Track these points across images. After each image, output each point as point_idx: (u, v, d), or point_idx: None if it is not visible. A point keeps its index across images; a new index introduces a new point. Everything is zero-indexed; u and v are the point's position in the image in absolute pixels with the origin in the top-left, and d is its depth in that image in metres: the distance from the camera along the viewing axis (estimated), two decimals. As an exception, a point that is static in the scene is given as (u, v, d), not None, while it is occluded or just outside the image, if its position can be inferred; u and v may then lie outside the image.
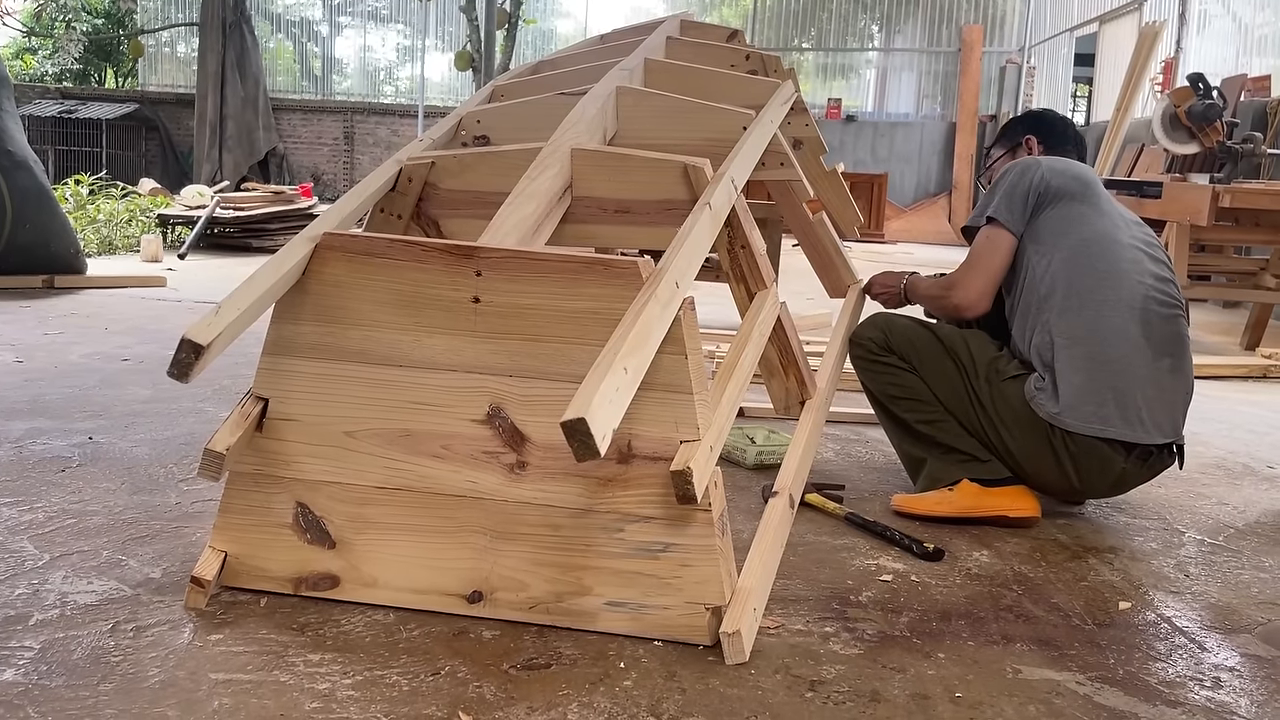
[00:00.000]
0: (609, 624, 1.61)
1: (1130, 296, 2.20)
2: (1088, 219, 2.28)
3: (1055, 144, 2.54)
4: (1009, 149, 2.60)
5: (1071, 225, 2.26)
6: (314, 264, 1.66)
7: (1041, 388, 2.18)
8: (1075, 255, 2.23)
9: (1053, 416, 2.16)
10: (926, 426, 2.32)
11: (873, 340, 2.38)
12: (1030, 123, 2.63)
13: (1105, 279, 2.21)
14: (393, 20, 17.78)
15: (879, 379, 2.38)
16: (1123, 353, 2.16)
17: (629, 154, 2.01)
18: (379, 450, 1.66)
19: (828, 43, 17.03)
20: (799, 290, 5.18)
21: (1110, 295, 2.20)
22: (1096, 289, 2.20)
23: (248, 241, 7.79)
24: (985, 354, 2.29)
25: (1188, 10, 10.61)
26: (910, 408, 2.34)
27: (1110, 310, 2.18)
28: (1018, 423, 2.21)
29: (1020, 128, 2.62)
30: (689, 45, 3.06)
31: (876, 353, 2.37)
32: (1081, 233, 2.25)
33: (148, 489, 2.23)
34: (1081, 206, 2.29)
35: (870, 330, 2.41)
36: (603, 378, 1.29)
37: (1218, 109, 5.14)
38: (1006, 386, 2.23)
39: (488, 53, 12.28)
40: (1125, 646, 1.68)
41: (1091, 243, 2.24)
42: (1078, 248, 2.24)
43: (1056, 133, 2.57)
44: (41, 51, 18.77)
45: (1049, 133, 2.57)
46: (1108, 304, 2.19)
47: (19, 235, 5.19)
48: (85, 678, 1.42)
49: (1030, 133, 2.58)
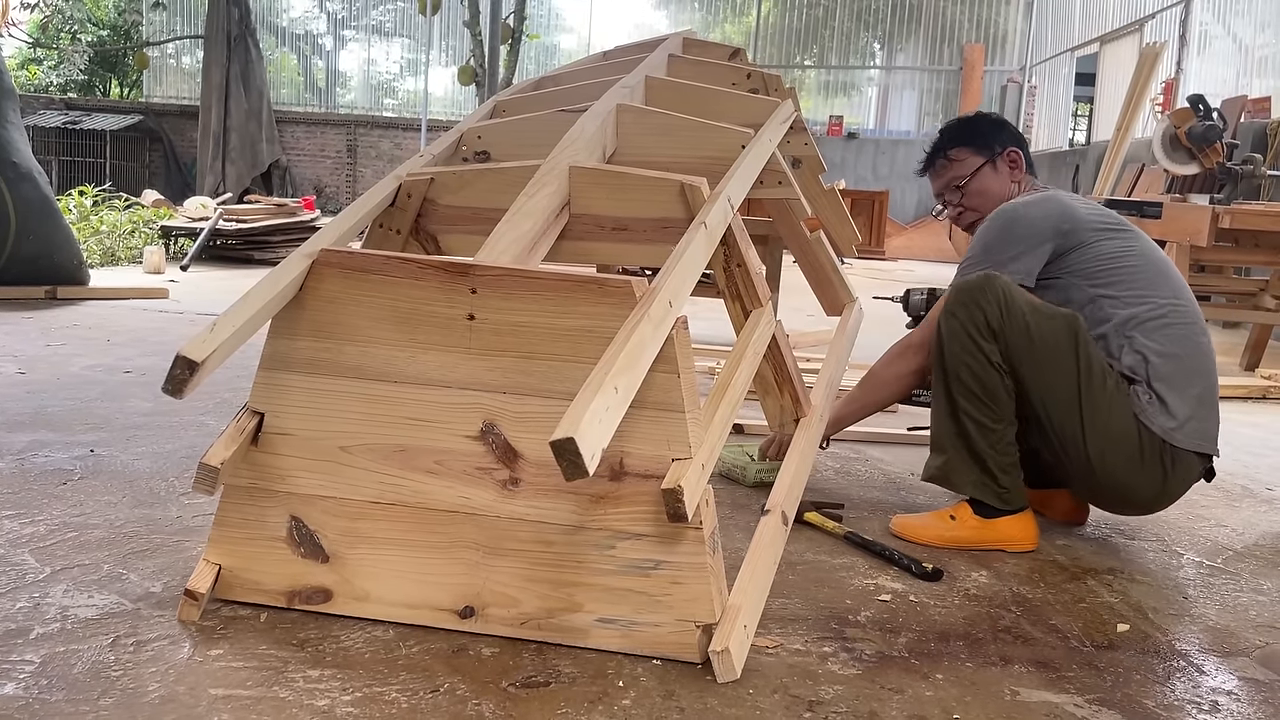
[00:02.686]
0: (599, 640, 1.60)
1: (1195, 306, 2.20)
2: (1128, 241, 2.22)
3: (1028, 163, 2.44)
4: (988, 158, 2.39)
5: (1119, 255, 2.19)
6: (311, 280, 1.66)
7: (1150, 403, 2.09)
8: (1141, 276, 2.17)
9: (1166, 432, 2.08)
10: (974, 426, 2.14)
11: (985, 317, 2.09)
12: (1007, 132, 2.43)
13: (1179, 291, 2.18)
14: (396, 34, 17.89)
15: (961, 356, 2.11)
16: (1208, 366, 2.16)
17: (626, 172, 2.02)
18: (373, 465, 1.66)
19: (830, 60, 17.11)
20: (798, 306, 5.19)
21: (1186, 307, 2.17)
22: (1175, 305, 2.15)
23: (250, 254, 7.82)
24: (1101, 359, 2.13)
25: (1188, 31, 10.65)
26: (972, 401, 2.13)
27: (1190, 324, 2.16)
28: (1122, 435, 2.09)
29: (998, 134, 2.41)
30: (690, 63, 3.07)
31: (977, 333, 2.09)
32: (1136, 254, 2.19)
33: (149, 502, 2.23)
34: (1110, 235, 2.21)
35: (986, 303, 2.09)
36: (593, 397, 1.29)
37: (1218, 130, 5.15)
38: (1116, 398, 2.10)
39: (491, 67, 12.33)
40: (1123, 669, 1.67)
41: (1149, 261, 2.20)
42: (1141, 268, 2.18)
43: (1025, 149, 2.43)
44: (47, 62, 18.89)
45: (1024, 150, 2.42)
46: (1186, 317, 2.16)
47: (23, 246, 5.21)
48: (85, 692, 1.42)
49: (1015, 145, 2.41)
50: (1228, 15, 10.58)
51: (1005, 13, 16.36)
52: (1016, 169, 2.39)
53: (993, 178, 2.39)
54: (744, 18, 17.45)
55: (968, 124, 2.44)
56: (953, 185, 2.42)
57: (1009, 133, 2.42)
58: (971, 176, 2.39)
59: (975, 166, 2.39)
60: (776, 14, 17.10)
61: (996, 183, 2.39)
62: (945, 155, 2.43)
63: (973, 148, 2.40)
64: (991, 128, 2.42)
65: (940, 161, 2.44)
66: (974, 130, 2.41)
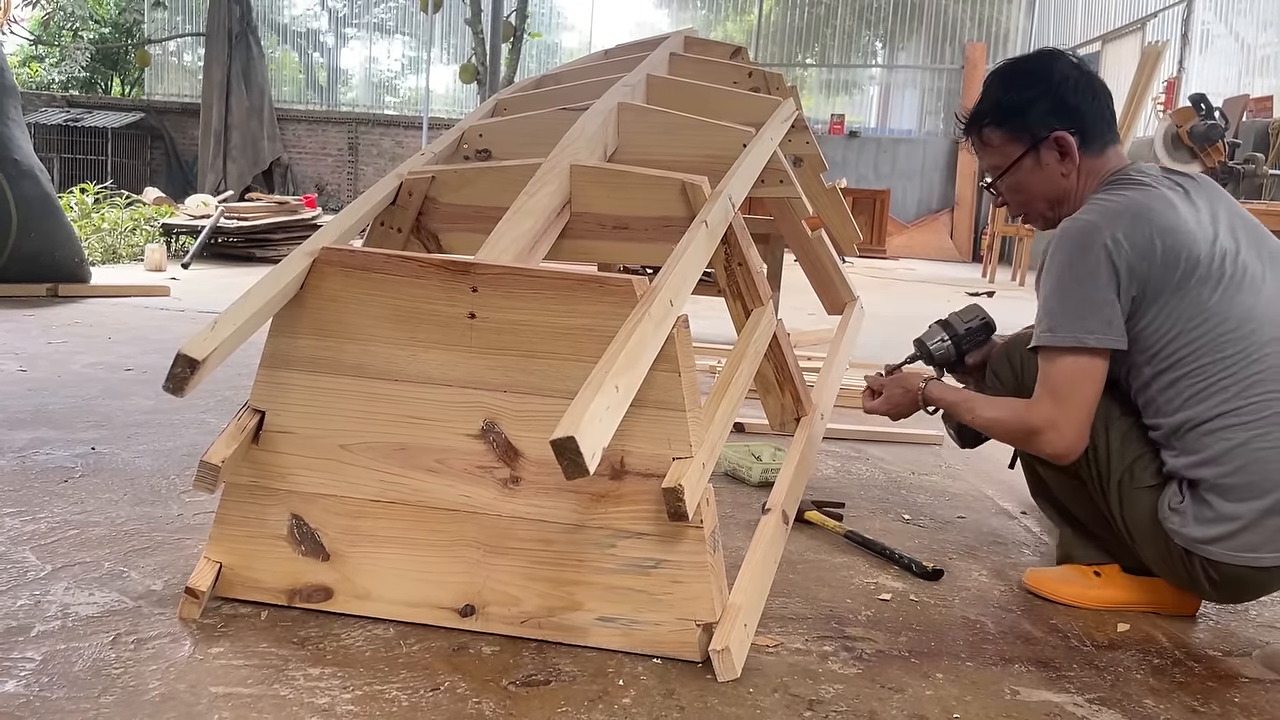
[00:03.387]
0: (600, 639, 1.60)
1: None
2: (1199, 303, 1.71)
3: (1094, 137, 1.84)
4: (1029, 147, 1.86)
5: (1181, 321, 1.71)
6: (312, 278, 1.66)
7: (1177, 509, 1.73)
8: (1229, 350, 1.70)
9: (1191, 543, 1.72)
10: (1059, 492, 1.97)
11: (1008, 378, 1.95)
12: (1064, 109, 1.83)
13: (1251, 385, 1.69)
14: (398, 32, 17.88)
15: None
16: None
17: (627, 170, 2.02)
18: (374, 464, 1.66)
19: (832, 59, 17.10)
20: (800, 305, 5.18)
21: (1259, 399, 1.68)
22: (1258, 397, 1.68)
23: (251, 251, 7.82)
24: (1127, 452, 1.80)
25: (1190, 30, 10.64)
26: (1044, 470, 1.98)
27: (1262, 426, 1.68)
28: (1145, 535, 1.79)
29: (1047, 114, 1.83)
30: (692, 62, 3.07)
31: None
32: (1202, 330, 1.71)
33: (150, 500, 2.23)
34: (1186, 290, 1.71)
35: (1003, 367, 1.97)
36: (593, 396, 1.29)
37: (1220, 129, 5.16)
38: (1139, 496, 1.79)
39: (492, 66, 12.32)
40: (1123, 668, 1.67)
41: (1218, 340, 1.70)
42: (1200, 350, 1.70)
43: (1093, 116, 1.84)
44: (48, 60, 18.88)
45: (1085, 118, 1.83)
46: (1270, 419, 1.68)
47: (24, 243, 5.21)
48: (86, 690, 1.42)
49: (1065, 126, 1.82)
50: (1230, 14, 10.57)
51: (1007, 11, 16.35)
52: (1068, 158, 1.83)
53: (1035, 173, 1.87)
54: (746, 16, 17.44)
55: (1009, 89, 1.86)
56: (993, 172, 1.95)
57: (1068, 106, 1.83)
58: (1009, 170, 1.89)
59: (1013, 157, 1.88)
60: (778, 12, 17.10)
61: (1040, 179, 1.88)
62: (979, 134, 1.92)
63: (1009, 130, 1.87)
64: (1042, 97, 1.83)
65: (974, 140, 1.95)
66: (1012, 108, 1.86)
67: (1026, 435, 1.81)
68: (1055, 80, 1.85)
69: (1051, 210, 1.91)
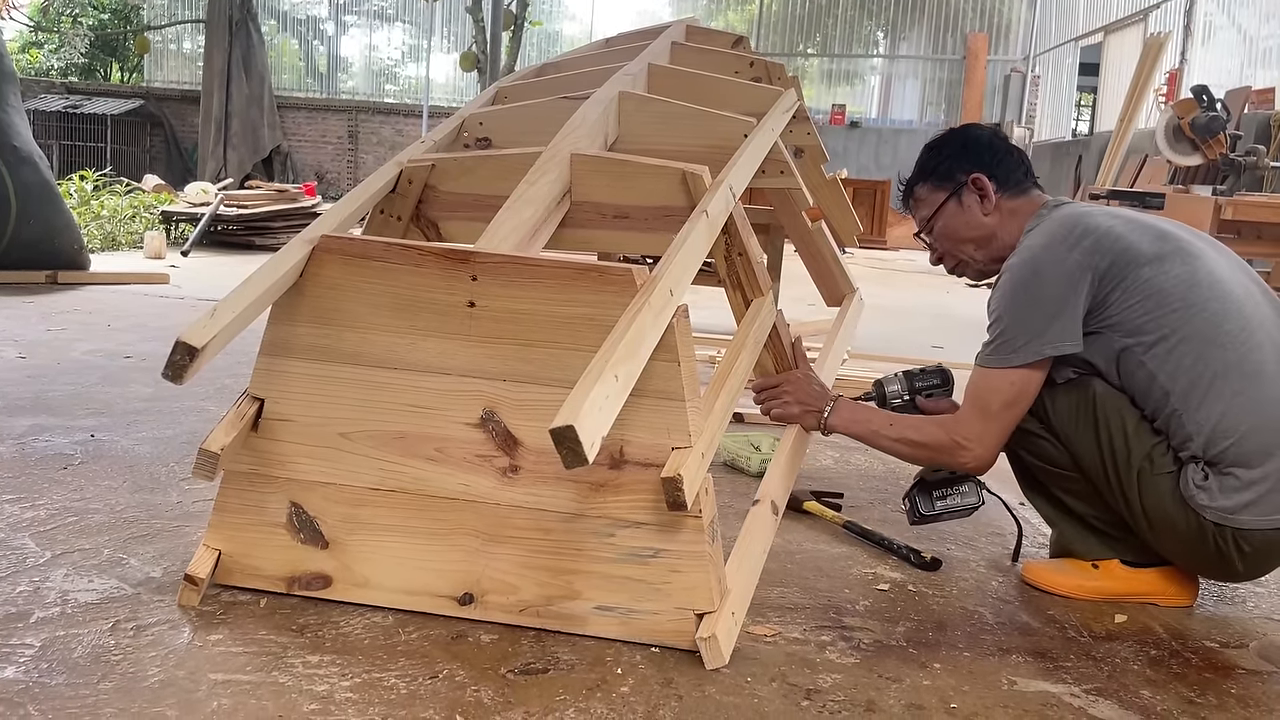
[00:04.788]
0: (598, 628, 1.61)
1: (1270, 349, 1.79)
2: (1176, 274, 1.80)
3: (1009, 180, 2.00)
4: (951, 192, 2.01)
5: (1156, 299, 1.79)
6: (311, 266, 1.66)
7: (1203, 485, 1.75)
8: (1190, 331, 1.77)
9: (1223, 515, 1.74)
10: (1057, 488, 1.97)
11: None
12: (972, 153, 2.01)
13: (1238, 341, 1.77)
14: (398, 20, 17.83)
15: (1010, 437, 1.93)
16: None
17: (628, 160, 2.01)
18: (373, 452, 1.66)
19: (833, 49, 17.06)
20: (800, 296, 5.18)
21: (1252, 360, 1.76)
22: (1237, 364, 1.76)
23: (251, 239, 7.80)
24: (1144, 440, 1.81)
25: (1193, 22, 10.62)
26: (1039, 467, 1.97)
27: (1256, 375, 1.76)
28: (1167, 521, 1.80)
29: (960, 161, 2.01)
30: (693, 51, 3.06)
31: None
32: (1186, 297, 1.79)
33: (149, 487, 2.24)
34: (1159, 264, 1.80)
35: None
36: (593, 385, 1.29)
37: (1221, 121, 5.15)
38: (1160, 481, 1.79)
39: (493, 54, 12.29)
40: (1121, 659, 1.68)
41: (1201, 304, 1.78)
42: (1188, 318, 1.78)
43: (1006, 163, 2.01)
44: (48, 46, 18.83)
45: (997, 164, 2.00)
46: (1252, 366, 1.76)
47: (23, 230, 5.20)
48: (85, 676, 1.42)
49: (977, 169, 1.98)
50: (1232, 6, 10.54)
51: (1009, 1, 16.30)
52: (985, 198, 1.98)
53: (958, 215, 2.01)
54: (747, 6, 17.39)
55: (930, 152, 2.07)
56: (922, 224, 2.09)
57: (977, 153, 2.01)
58: (935, 215, 2.04)
59: (937, 205, 2.03)
60: (780, 2, 17.04)
61: (963, 220, 2.00)
62: (913, 194, 2.09)
63: (933, 182, 2.03)
64: (956, 152, 2.02)
65: (910, 201, 2.11)
66: (934, 160, 2.04)
67: (950, 450, 1.90)
68: (970, 139, 2.06)
69: (980, 252, 2.03)
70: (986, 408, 1.86)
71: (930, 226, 2.07)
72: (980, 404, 1.87)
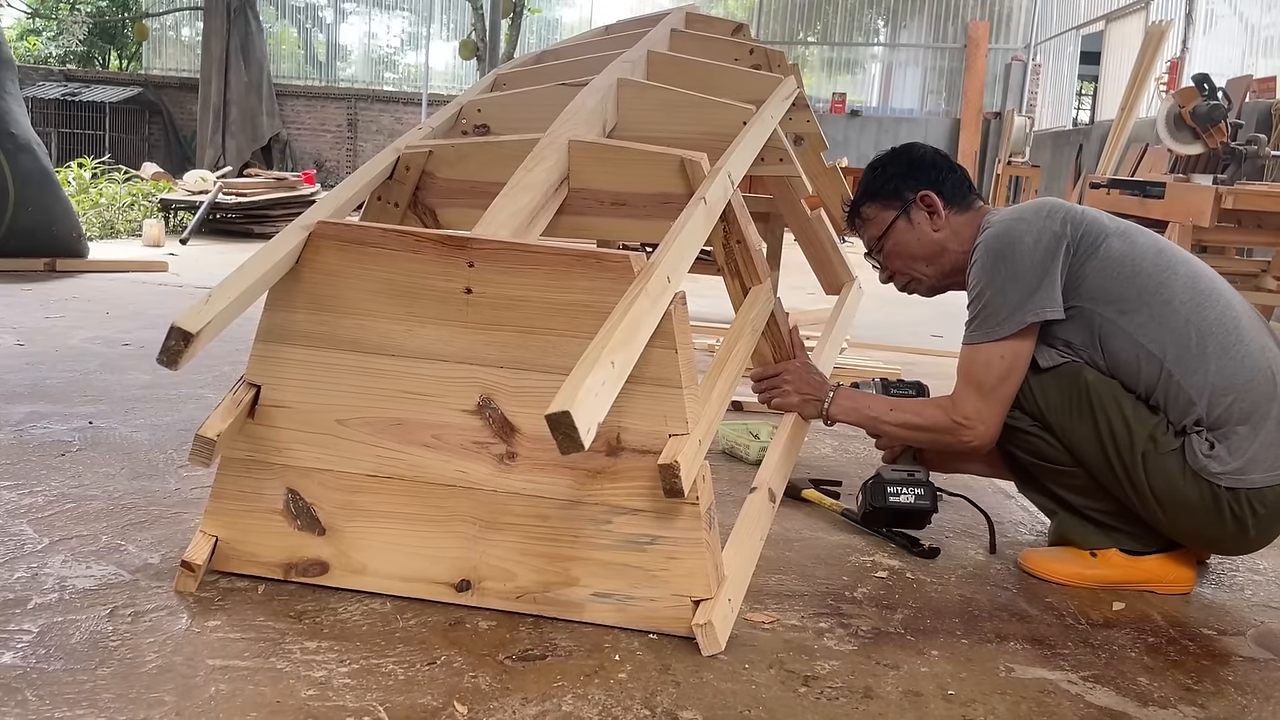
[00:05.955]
0: (595, 614, 1.61)
1: (1239, 308, 1.86)
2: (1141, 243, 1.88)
3: (956, 195, 2.03)
4: (900, 210, 2.02)
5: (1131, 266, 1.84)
6: (308, 252, 1.65)
7: (1211, 454, 1.78)
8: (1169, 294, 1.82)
9: (1237, 478, 1.76)
10: (1052, 483, 1.98)
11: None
12: (919, 171, 2.03)
13: (1213, 299, 1.83)
14: (397, 7, 17.75)
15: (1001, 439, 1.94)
16: (1270, 378, 1.81)
17: (626, 147, 2.01)
18: (370, 438, 1.66)
19: (833, 37, 17.00)
20: (799, 284, 5.18)
21: (1229, 316, 1.83)
22: (1218, 321, 1.82)
23: (250, 227, 7.80)
24: (1144, 422, 1.82)
25: (1194, 10, 10.58)
26: (1035, 465, 1.97)
27: (1233, 332, 1.81)
28: (1178, 499, 1.80)
29: (907, 179, 2.03)
30: (693, 38, 3.05)
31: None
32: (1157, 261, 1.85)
33: (147, 474, 2.23)
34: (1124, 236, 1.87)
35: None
36: (589, 371, 1.29)
37: (1222, 110, 5.13)
38: (1166, 460, 1.80)
39: (492, 41, 12.26)
40: (1118, 646, 1.68)
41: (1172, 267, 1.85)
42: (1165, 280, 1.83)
43: (951, 179, 2.04)
44: (46, 33, 18.76)
45: (943, 180, 2.03)
46: (1226, 326, 1.81)
47: (21, 218, 5.19)
48: (83, 662, 1.42)
49: (925, 186, 2.01)
50: (1235, -6, 10.50)
51: (1011, -10, 16.23)
52: (935, 214, 2.01)
53: (908, 232, 2.03)
54: (747, -7, 17.32)
55: (875, 172, 2.08)
56: (874, 247, 2.11)
57: (923, 171, 2.04)
58: (886, 234, 2.05)
59: (887, 223, 2.04)
60: (780, -10, 16.97)
61: (913, 237, 2.03)
62: (859, 214, 2.10)
63: (881, 201, 2.05)
64: (902, 171, 2.04)
65: (857, 221, 2.12)
66: (881, 180, 2.06)
67: (953, 430, 1.91)
68: (915, 157, 2.08)
69: (931, 268, 2.06)
70: (982, 384, 1.87)
71: (880, 246, 2.08)
72: (975, 381, 1.88)
